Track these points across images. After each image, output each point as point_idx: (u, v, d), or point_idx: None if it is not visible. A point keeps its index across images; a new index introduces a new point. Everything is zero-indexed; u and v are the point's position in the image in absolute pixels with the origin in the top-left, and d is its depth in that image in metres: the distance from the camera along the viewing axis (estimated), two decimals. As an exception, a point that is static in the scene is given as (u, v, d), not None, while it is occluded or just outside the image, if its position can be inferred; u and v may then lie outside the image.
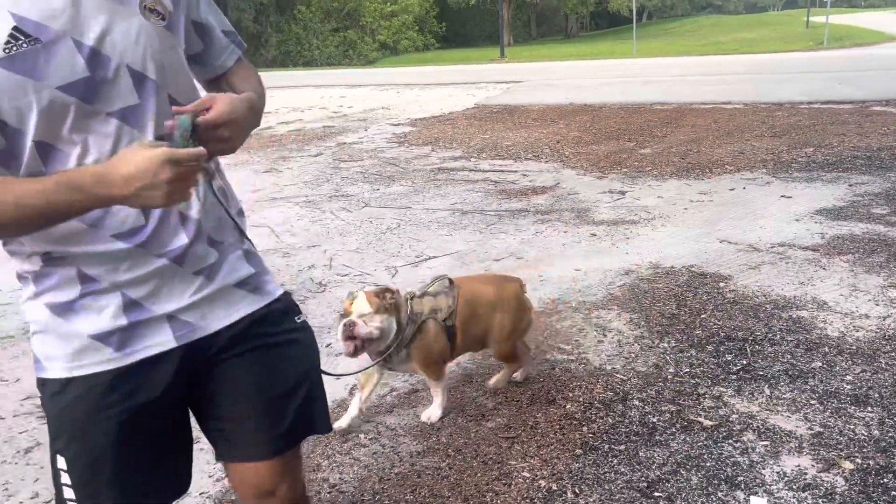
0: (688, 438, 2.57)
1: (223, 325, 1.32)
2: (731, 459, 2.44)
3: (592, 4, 47.63)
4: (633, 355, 3.23)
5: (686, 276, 4.17)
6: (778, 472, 2.36)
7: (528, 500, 2.30)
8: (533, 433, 2.67)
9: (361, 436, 2.71)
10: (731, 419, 2.68)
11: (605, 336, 3.45)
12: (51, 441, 1.27)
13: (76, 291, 1.21)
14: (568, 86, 15.39)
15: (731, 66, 17.94)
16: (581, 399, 2.88)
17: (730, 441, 2.54)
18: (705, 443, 2.54)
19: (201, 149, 1.11)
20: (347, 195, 6.79)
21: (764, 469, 2.38)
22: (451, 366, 3.22)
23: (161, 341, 1.25)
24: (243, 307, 1.35)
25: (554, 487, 2.35)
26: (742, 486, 2.30)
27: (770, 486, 2.30)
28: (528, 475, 2.42)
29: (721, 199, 5.85)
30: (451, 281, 2.81)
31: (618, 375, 3.06)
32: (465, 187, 6.83)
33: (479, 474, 2.44)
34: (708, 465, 2.42)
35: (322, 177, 7.71)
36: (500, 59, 28.98)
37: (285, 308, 1.42)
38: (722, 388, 2.90)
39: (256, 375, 1.34)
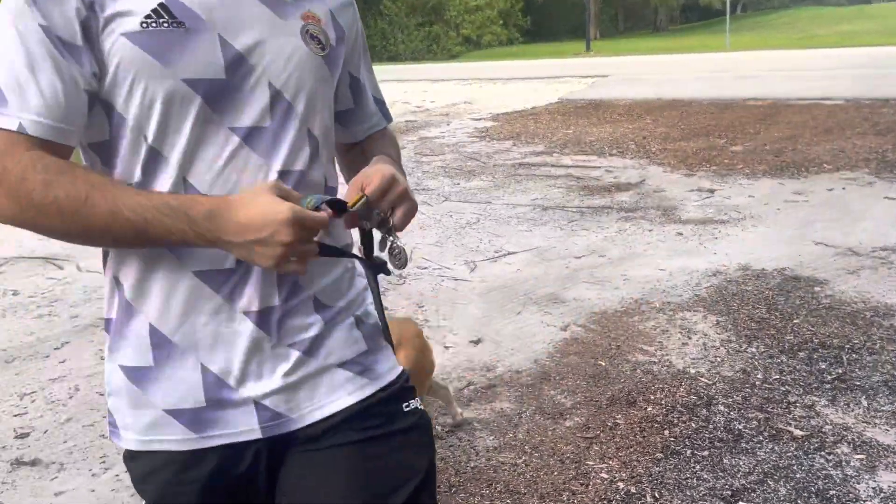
0: (776, 448, 2.47)
1: (319, 418, 1.07)
2: (823, 472, 2.33)
3: (683, -3, 46.30)
4: (718, 359, 3.13)
5: (778, 279, 4.00)
6: (874, 488, 2.23)
7: (605, 502, 2.26)
8: (612, 434, 2.62)
9: (438, 428, 2.73)
10: (823, 430, 2.55)
11: (690, 338, 3.35)
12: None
13: (150, 357, 1.03)
14: (656, 80, 15.01)
15: (832, 60, 17.06)
16: (663, 402, 2.81)
17: (822, 453, 2.42)
18: (795, 453, 2.43)
19: (324, 215, 0.94)
20: (428, 189, 6.83)
21: (858, 484, 2.26)
22: (529, 364, 3.20)
23: (243, 430, 1.04)
24: (346, 395, 1.09)
25: (633, 490, 2.30)
26: (834, 501, 2.19)
27: (864, 501, 2.18)
28: (606, 476, 2.38)
29: (818, 200, 5.58)
30: None
31: (702, 379, 2.96)
32: (546, 183, 6.77)
33: (555, 473, 2.42)
34: (797, 476, 2.31)
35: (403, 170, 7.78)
36: (586, 53, 28.54)
37: (397, 394, 1.14)
38: (815, 398, 2.76)
39: (351, 473, 1.08)
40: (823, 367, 2.99)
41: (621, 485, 2.33)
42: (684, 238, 4.89)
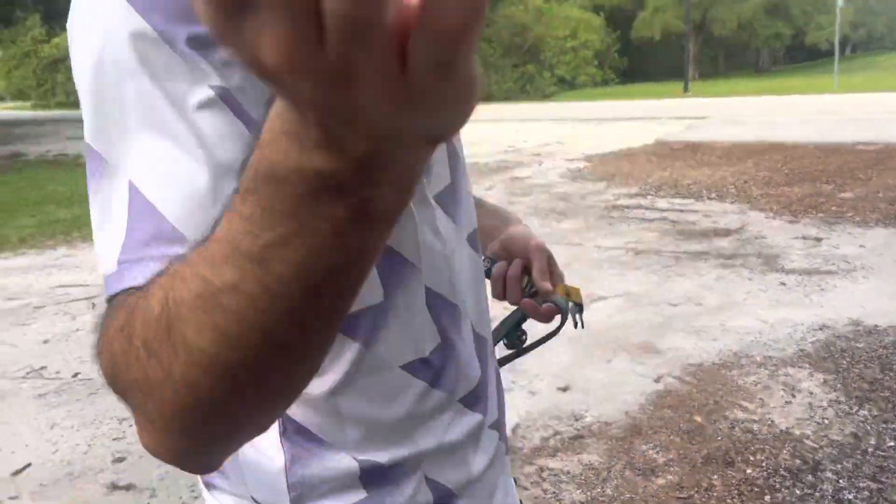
0: (893, 524, 2.26)
1: None
2: (948, 556, 2.11)
3: (788, 38, 44.86)
4: (826, 421, 2.92)
5: (893, 336, 3.72)
6: None
7: (699, 571, 2.12)
8: (707, 496, 2.47)
9: (522, 478, 2.65)
10: (948, 508, 2.32)
11: (794, 397, 3.15)
12: None
13: (361, 491, 0.68)
14: (757, 122, 14.52)
15: (952, 102, 16.07)
16: (764, 464, 2.64)
17: (946, 534, 2.20)
18: (915, 532, 2.22)
19: None
20: (519, 229, 6.79)
21: None
22: (619, 415, 3.08)
23: None
24: (508, 468, 0.86)
25: (730, 560, 2.15)
26: (962, 590, 1.98)
27: None
28: (700, 542, 2.24)
29: (938, 252, 5.20)
30: None
31: (808, 442, 2.77)
32: (640, 226, 6.61)
33: (645, 534, 2.30)
34: (918, 558, 2.11)
35: (495, 210, 7.78)
36: (684, 93, 28.03)
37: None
38: (937, 470, 2.53)
39: None
40: (947, 436, 2.74)
41: (717, 553, 2.19)
42: (787, 288, 4.64)
